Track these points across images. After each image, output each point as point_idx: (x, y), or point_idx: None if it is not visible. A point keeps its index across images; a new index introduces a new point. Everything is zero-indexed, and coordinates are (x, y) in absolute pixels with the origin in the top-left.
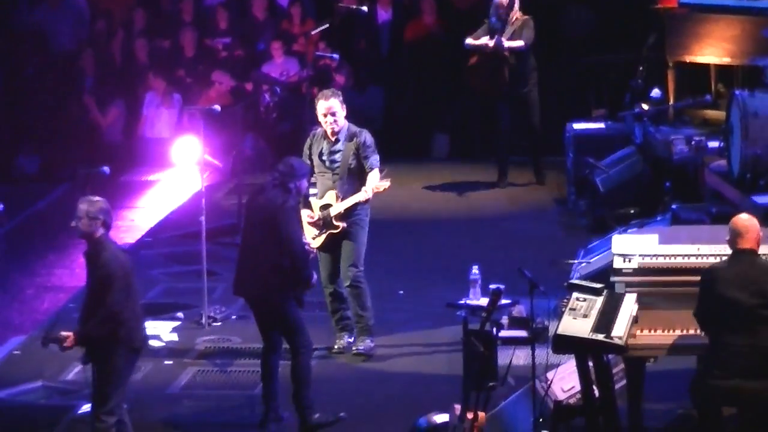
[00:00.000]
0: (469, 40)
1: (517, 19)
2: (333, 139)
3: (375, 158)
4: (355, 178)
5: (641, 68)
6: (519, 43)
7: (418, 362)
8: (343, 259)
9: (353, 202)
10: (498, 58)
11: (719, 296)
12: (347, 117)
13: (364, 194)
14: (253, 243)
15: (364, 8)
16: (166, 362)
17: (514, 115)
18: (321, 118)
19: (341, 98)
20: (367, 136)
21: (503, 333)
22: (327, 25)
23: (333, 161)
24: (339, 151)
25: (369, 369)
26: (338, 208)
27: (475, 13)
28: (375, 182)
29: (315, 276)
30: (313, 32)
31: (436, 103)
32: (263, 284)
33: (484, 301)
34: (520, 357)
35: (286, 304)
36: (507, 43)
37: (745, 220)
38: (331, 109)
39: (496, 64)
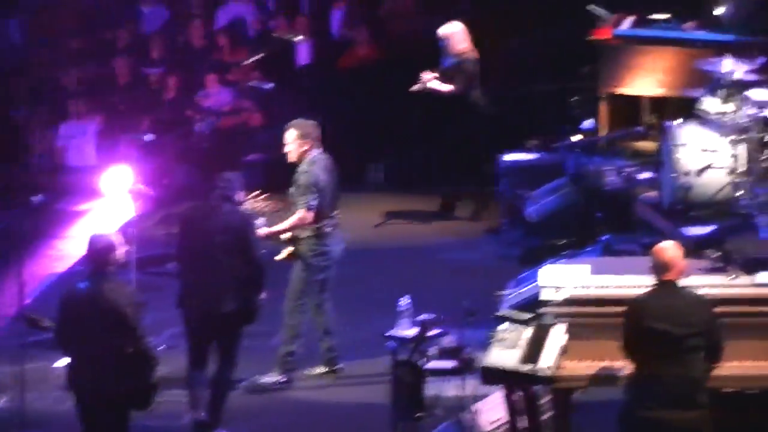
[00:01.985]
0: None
1: (461, 53)
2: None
3: (302, 199)
4: None
5: (574, 98)
6: (445, 87)
7: (347, 392)
8: None
9: (274, 230)
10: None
11: (646, 328)
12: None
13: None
14: (213, 258)
15: (299, 38)
16: None
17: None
18: None
19: (303, 129)
20: (301, 174)
21: (432, 364)
22: (262, 55)
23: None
24: (296, 179)
25: (298, 398)
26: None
27: (409, 40)
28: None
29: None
30: (247, 62)
31: (372, 131)
32: (224, 297)
33: (413, 332)
34: (449, 388)
35: (241, 316)
36: (431, 86)
37: (668, 251)
38: (285, 140)
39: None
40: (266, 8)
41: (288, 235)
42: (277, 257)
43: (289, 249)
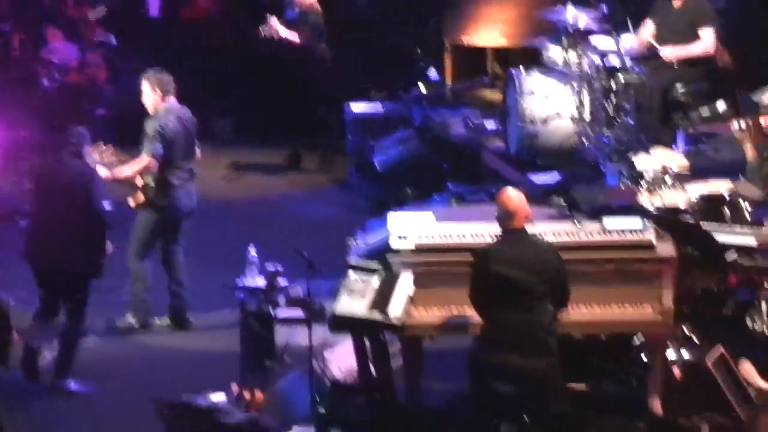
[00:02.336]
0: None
1: (308, 5)
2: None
3: (148, 145)
4: None
5: (419, 49)
6: (293, 36)
7: (197, 342)
8: None
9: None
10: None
11: (493, 275)
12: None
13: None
14: (58, 214)
15: None
16: None
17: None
18: None
19: (156, 79)
20: (150, 122)
21: (280, 313)
22: (105, 9)
23: None
24: (145, 127)
25: (149, 349)
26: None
27: None
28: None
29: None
30: (91, 17)
31: (219, 85)
32: (71, 253)
33: (261, 282)
34: (298, 337)
35: (88, 272)
36: (280, 32)
37: (513, 199)
38: (141, 91)
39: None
40: None
41: (141, 182)
42: (131, 203)
43: (140, 196)
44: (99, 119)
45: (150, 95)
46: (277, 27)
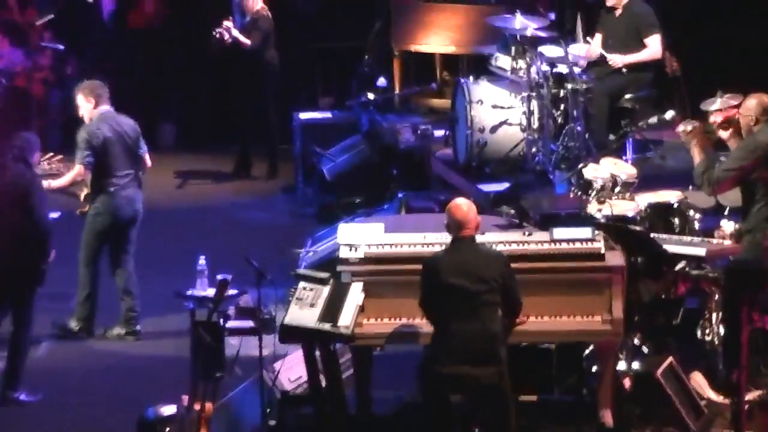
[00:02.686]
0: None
1: (257, 11)
2: None
3: (78, 154)
4: None
5: (367, 56)
6: (244, 39)
7: (146, 352)
8: None
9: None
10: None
11: (443, 284)
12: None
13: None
14: None
15: None
16: None
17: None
18: None
19: (89, 88)
20: (80, 131)
21: (230, 323)
22: (52, 15)
23: None
24: (77, 136)
25: (98, 357)
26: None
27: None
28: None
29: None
30: (38, 22)
31: (162, 92)
32: (10, 259)
33: (211, 291)
34: (248, 347)
35: (31, 278)
36: (237, 36)
37: (463, 208)
38: (76, 102)
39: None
40: None
41: (83, 191)
42: (77, 212)
43: (84, 204)
44: (46, 125)
45: (84, 105)
46: (231, 28)
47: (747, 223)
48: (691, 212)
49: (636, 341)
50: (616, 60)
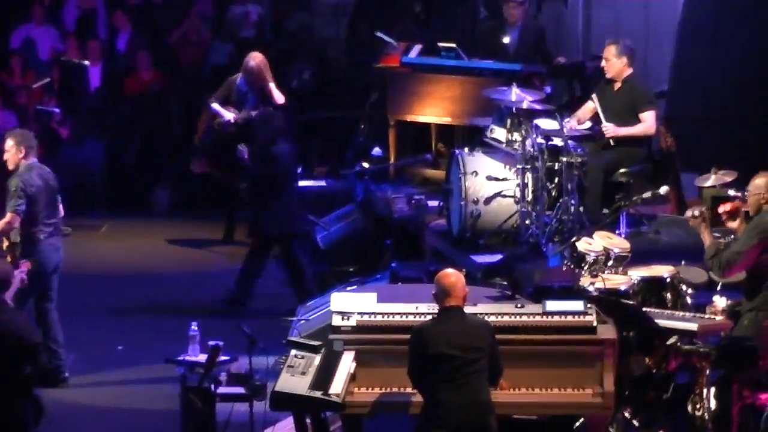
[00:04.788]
0: (215, 105)
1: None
2: None
3: (11, 202)
4: None
5: (363, 126)
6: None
7: (136, 419)
8: None
9: None
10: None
11: (431, 354)
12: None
13: None
14: None
15: (87, 62)
16: None
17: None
18: None
19: (20, 137)
20: (12, 179)
21: (222, 389)
22: (48, 80)
23: None
24: (8, 184)
25: (86, 422)
26: None
27: (199, 68)
28: None
29: None
30: (34, 86)
31: (158, 157)
32: None
33: (202, 357)
34: (239, 414)
35: None
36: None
37: (451, 277)
38: (4, 148)
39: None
40: (64, 31)
41: (6, 242)
42: None
43: (8, 255)
44: None
45: (13, 152)
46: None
47: (752, 302)
48: (684, 287)
49: (627, 415)
50: (609, 129)
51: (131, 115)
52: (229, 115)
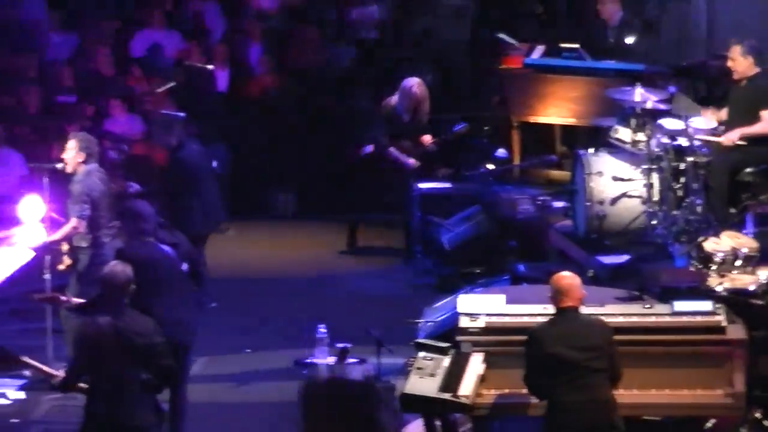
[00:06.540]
0: (394, 152)
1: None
2: None
3: (76, 207)
4: None
5: (486, 128)
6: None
7: (266, 421)
8: None
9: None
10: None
11: (549, 356)
12: None
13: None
14: None
15: (210, 66)
16: (12, 421)
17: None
18: None
19: (83, 141)
20: (75, 185)
21: None
22: (173, 84)
23: None
24: (71, 189)
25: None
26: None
27: (314, 70)
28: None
29: None
30: (158, 90)
31: (282, 160)
32: None
33: (331, 360)
34: None
35: None
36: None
37: (567, 278)
38: (65, 148)
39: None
40: (186, 35)
41: (66, 246)
42: (59, 267)
43: (68, 260)
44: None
45: (74, 155)
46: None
47: None
48: None
49: (758, 416)
50: (731, 136)
51: (253, 118)
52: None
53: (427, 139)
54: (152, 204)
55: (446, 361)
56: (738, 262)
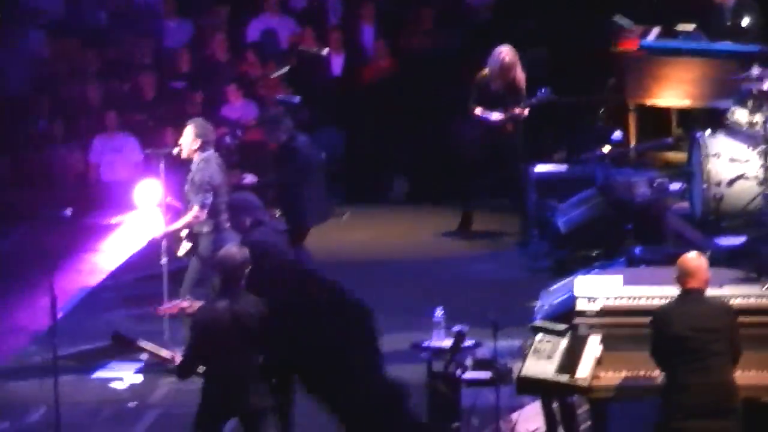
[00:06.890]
0: (478, 111)
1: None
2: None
3: (199, 196)
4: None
5: (602, 110)
6: (525, 111)
7: None
8: None
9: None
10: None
11: (671, 336)
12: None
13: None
14: None
15: (325, 51)
16: (129, 404)
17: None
18: None
19: (200, 128)
20: (196, 174)
21: (467, 374)
22: (288, 68)
23: None
24: (191, 177)
25: None
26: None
27: (427, 54)
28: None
29: None
30: (273, 75)
31: (395, 145)
32: None
33: (447, 343)
34: (484, 398)
35: None
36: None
37: (693, 259)
38: (183, 135)
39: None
40: (300, 20)
41: (185, 232)
42: (179, 253)
43: (187, 245)
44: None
45: (190, 141)
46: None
47: None
48: None
49: None
50: None
51: (368, 103)
52: (495, 115)
53: (519, 109)
54: (264, 196)
55: (563, 343)
56: None
